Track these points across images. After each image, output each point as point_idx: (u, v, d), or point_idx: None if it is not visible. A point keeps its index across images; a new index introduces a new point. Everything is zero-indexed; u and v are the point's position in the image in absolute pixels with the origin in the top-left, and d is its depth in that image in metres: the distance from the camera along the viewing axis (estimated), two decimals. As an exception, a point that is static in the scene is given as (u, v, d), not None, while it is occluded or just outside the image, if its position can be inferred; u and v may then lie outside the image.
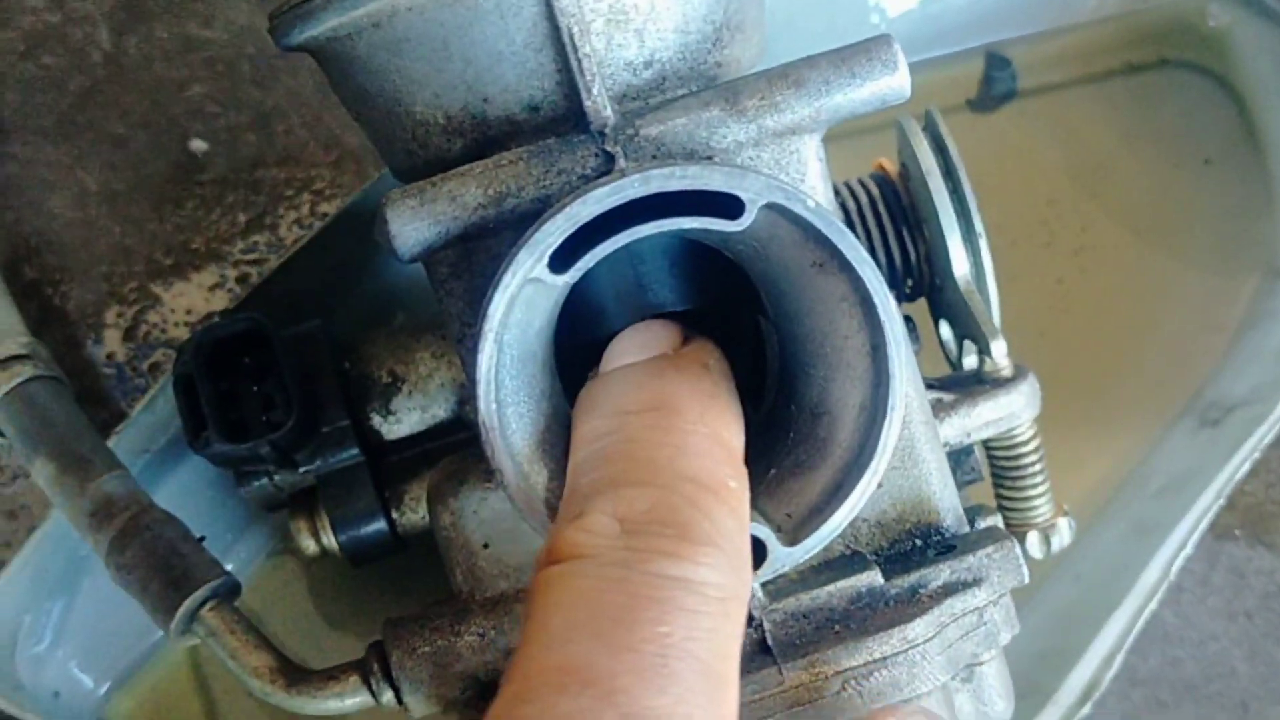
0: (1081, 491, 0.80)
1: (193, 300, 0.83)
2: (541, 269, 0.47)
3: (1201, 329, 0.87)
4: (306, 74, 0.88)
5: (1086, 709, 0.71)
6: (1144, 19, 0.93)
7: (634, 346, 0.51)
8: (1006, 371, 0.67)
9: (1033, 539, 0.69)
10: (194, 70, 0.88)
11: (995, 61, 0.93)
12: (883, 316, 0.49)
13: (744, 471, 0.47)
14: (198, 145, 0.85)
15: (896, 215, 0.72)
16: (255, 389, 0.66)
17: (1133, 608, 0.73)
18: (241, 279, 0.83)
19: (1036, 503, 0.70)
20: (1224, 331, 0.87)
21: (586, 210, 0.46)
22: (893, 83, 0.52)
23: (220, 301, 0.83)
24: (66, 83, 0.88)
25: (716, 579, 0.42)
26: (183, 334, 0.83)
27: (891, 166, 0.73)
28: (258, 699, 0.61)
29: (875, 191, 0.72)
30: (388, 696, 0.59)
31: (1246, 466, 0.77)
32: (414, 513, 0.69)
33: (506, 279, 0.47)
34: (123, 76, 0.88)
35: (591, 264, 0.47)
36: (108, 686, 0.79)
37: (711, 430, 0.47)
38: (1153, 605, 0.74)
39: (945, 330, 0.73)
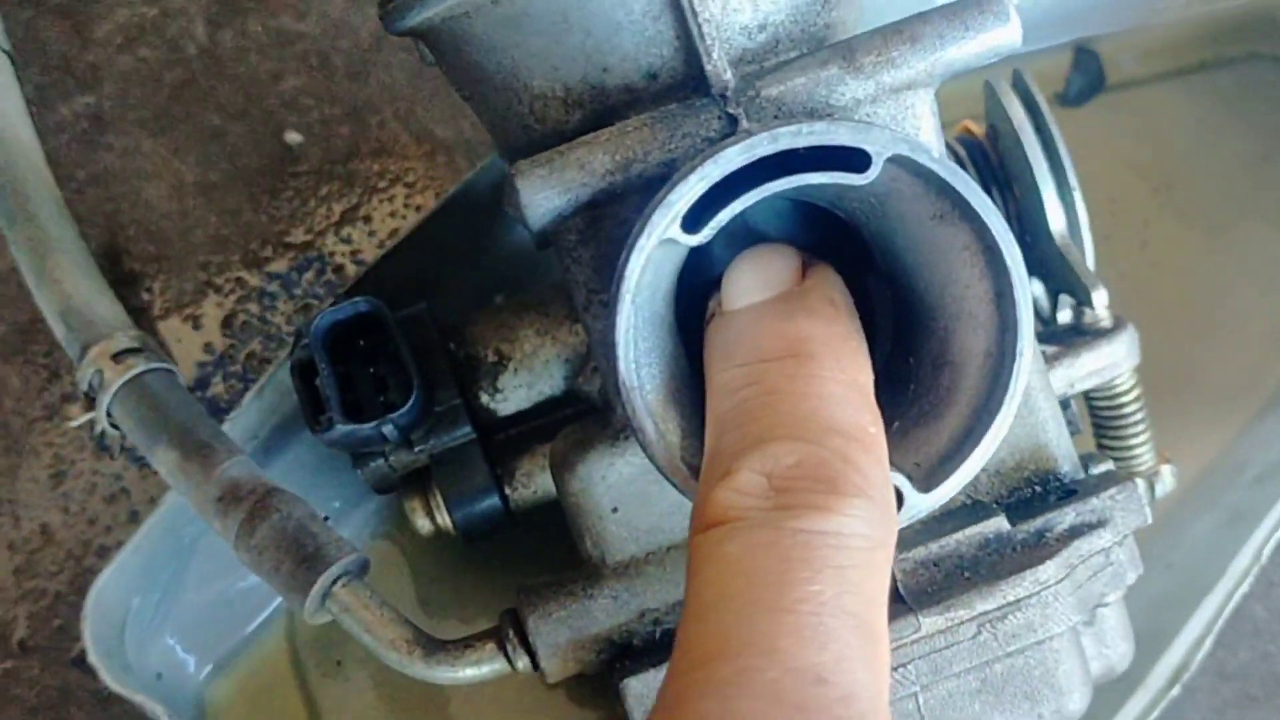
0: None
1: (290, 291, 0.85)
2: (675, 229, 0.48)
3: (1293, 319, 0.87)
4: (399, 68, 0.90)
5: (1176, 690, 0.71)
6: (1232, 13, 0.92)
7: (757, 282, 0.51)
8: (1106, 322, 0.68)
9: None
10: (288, 63, 0.89)
11: (1083, 56, 0.93)
12: (1009, 261, 0.50)
13: (879, 413, 0.48)
14: (292, 137, 0.87)
15: (986, 175, 0.73)
16: (370, 371, 0.67)
17: (1224, 592, 0.73)
18: (337, 269, 0.84)
19: (1139, 451, 0.70)
20: (1316, 321, 0.87)
21: (718, 169, 0.47)
22: (1005, 34, 0.53)
23: (317, 292, 0.85)
24: (163, 75, 0.89)
25: (865, 530, 0.43)
26: (280, 324, 0.85)
27: (977, 128, 0.74)
28: (394, 671, 0.62)
29: (963, 153, 0.73)
30: (523, 662, 0.60)
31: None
32: (525, 488, 0.70)
33: (642, 240, 0.48)
34: (218, 69, 0.89)
35: (724, 222, 0.48)
36: (208, 670, 0.80)
37: (849, 376, 0.47)
38: (1244, 589, 0.73)
39: (1037, 287, 0.74)
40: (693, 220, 0.48)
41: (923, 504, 0.51)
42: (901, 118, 0.54)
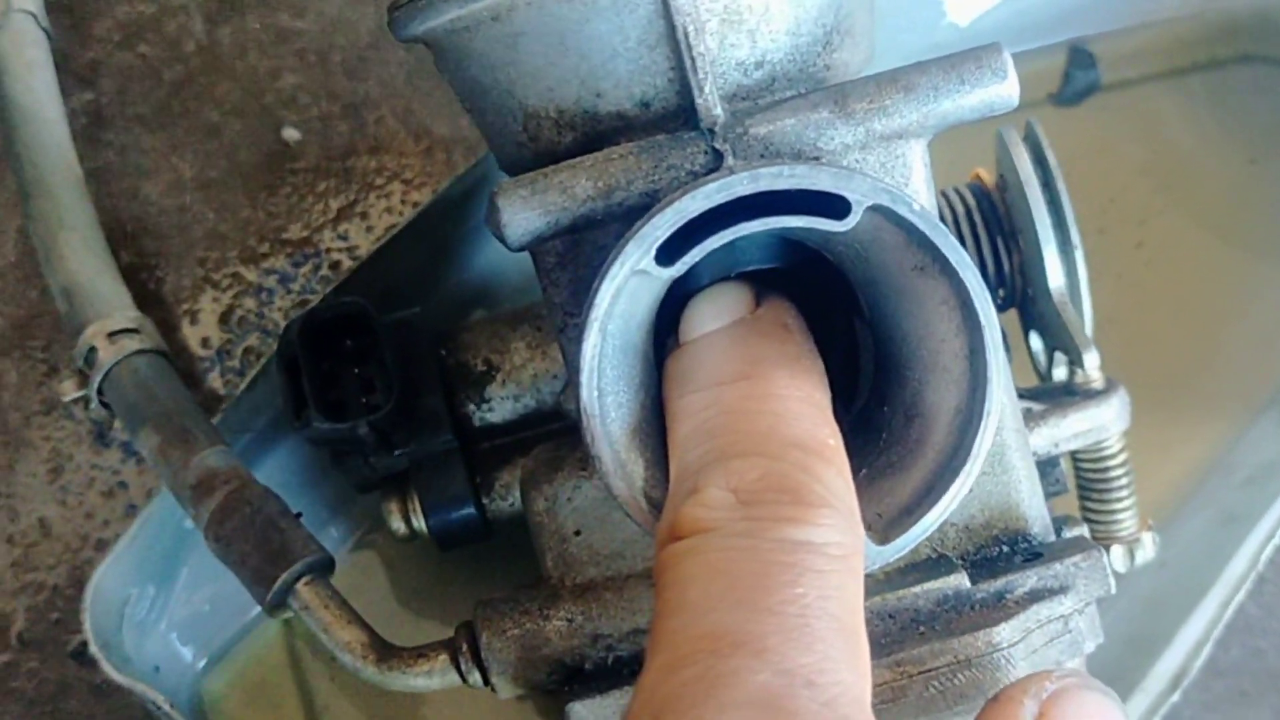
0: (1166, 479, 0.79)
1: (287, 287, 0.85)
2: (648, 261, 0.48)
3: (1286, 323, 0.87)
4: (396, 65, 0.90)
5: (1176, 696, 0.71)
6: (1227, 14, 0.93)
7: (710, 313, 0.51)
8: (1097, 384, 0.68)
9: (1116, 552, 0.69)
10: (286, 60, 0.90)
11: (1078, 56, 0.93)
12: (982, 320, 0.49)
13: (837, 428, 0.48)
14: (290, 134, 0.87)
15: (992, 225, 0.72)
16: (355, 371, 0.68)
17: (1220, 597, 0.73)
18: (334, 265, 0.85)
19: (1121, 516, 0.70)
20: (1310, 325, 0.86)
21: (695, 205, 0.47)
22: (1001, 90, 0.53)
23: (314, 288, 0.85)
24: (162, 72, 0.90)
25: (837, 538, 0.43)
26: (277, 319, 0.85)
27: (988, 176, 0.74)
28: (348, 673, 0.62)
29: (971, 201, 0.73)
30: (475, 677, 0.60)
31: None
32: (503, 500, 0.70)
33: (614, 269, 0.48)
34: (217, 66, 0.90)
35: (698, 258, 0.48)
36: (205, 662, 0.80)
37: (804, 393, 0.48)
38: (1241, 595, 0.73)
39: (1036, 342, 0.73)
40: (669, 253, 0.48)
41: (878, 556, 0.51)
42: (891, 166, 0.54)
